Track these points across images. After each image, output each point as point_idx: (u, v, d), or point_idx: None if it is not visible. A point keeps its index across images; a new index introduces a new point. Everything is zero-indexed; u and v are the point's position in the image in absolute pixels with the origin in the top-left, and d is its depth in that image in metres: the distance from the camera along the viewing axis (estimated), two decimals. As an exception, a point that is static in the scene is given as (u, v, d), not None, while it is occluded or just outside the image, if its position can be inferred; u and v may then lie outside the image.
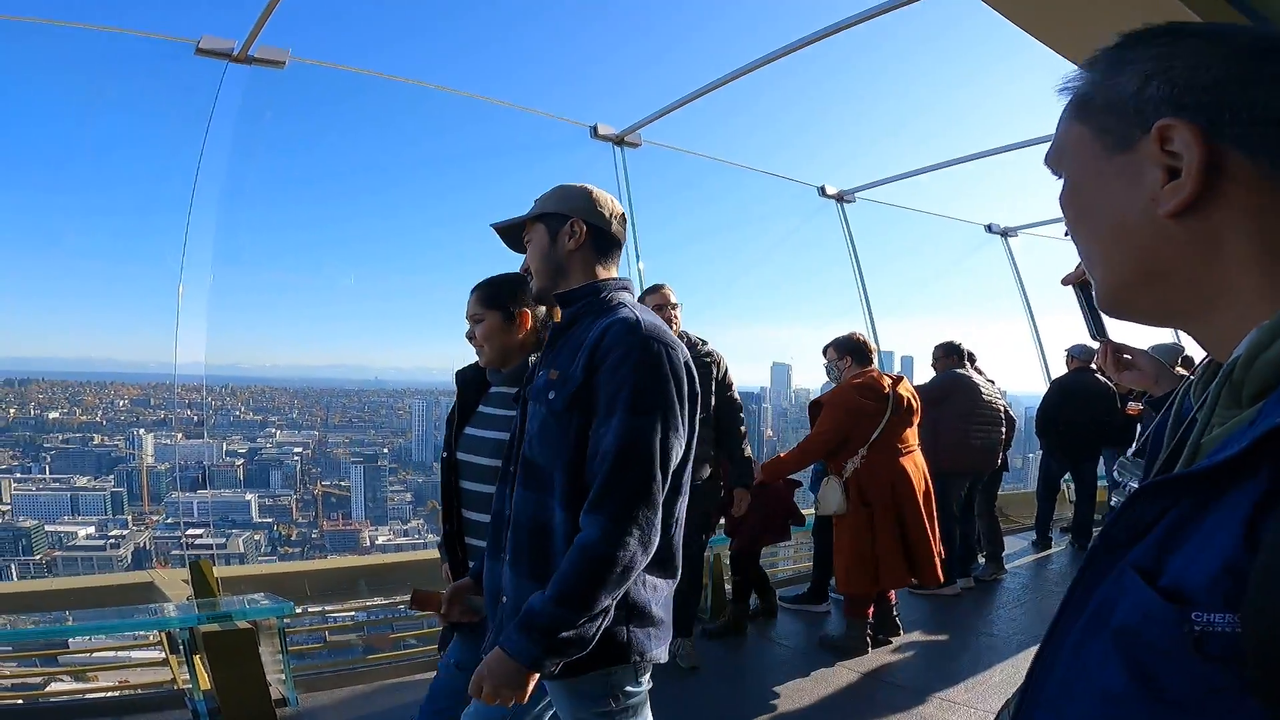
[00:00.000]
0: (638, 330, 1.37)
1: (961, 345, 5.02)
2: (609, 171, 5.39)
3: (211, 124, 3.97)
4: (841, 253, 7.07)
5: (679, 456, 1.38)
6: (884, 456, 3.67)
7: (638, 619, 1.38)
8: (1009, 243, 8.39)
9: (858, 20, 4.14)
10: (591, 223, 1.52)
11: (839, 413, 3.66)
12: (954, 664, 3.64)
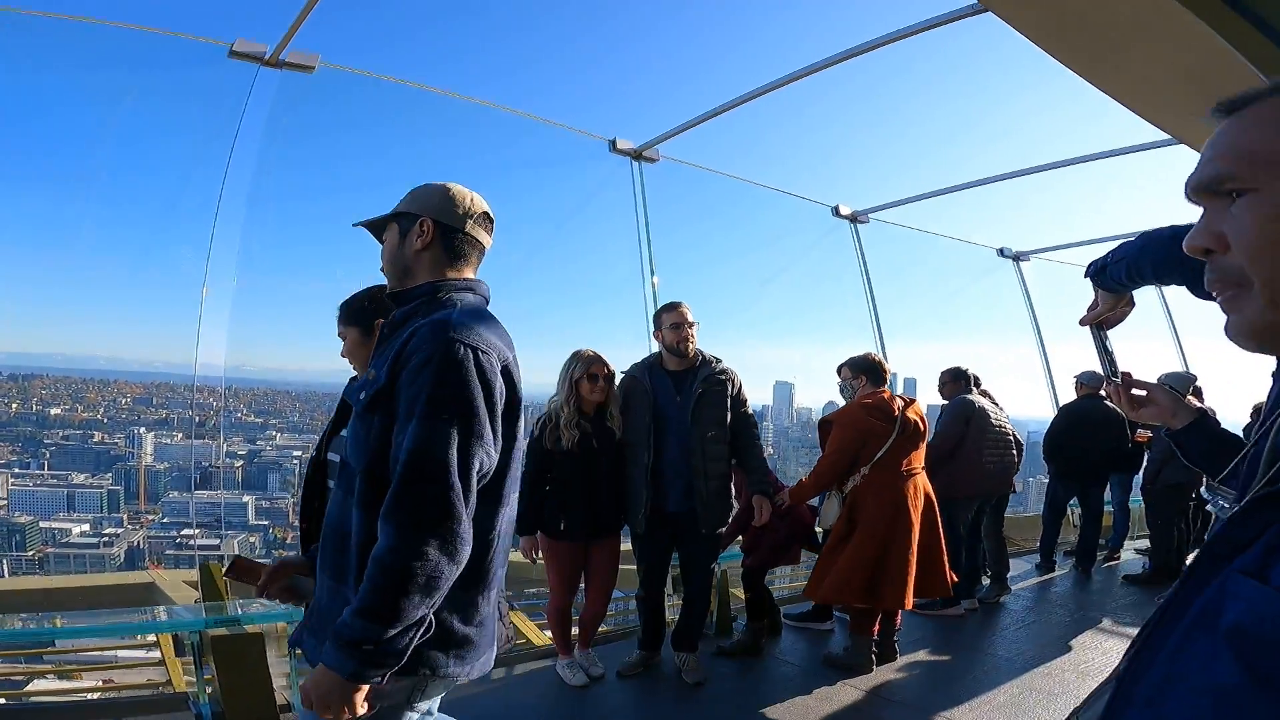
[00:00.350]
0: (446, 331, 1.30)
1: (967, 370, 5.04)
2: (626, 186, 5.42)
3: (241, 127, 3.98)
4: (853, 273, 7.08)
5: (486, 465, 1.31)
6: (886, 477, 3.67)
7: (436, 631, 1.31)
8: (1020, 267, 8.39)
9: (878, 44, 4.16)
10: (442, 222, 1.50)
11: (848, 432, 3.68)
12: (958, 684, 3.64)
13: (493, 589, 1.43)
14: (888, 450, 3.64)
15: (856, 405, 3.73)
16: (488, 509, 1.36)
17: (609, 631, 4.16)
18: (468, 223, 1.52)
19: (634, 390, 3.49)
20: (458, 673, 1.37)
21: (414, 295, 1.47)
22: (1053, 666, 3.87)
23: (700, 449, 3.40)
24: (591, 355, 3.40)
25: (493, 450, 1.31)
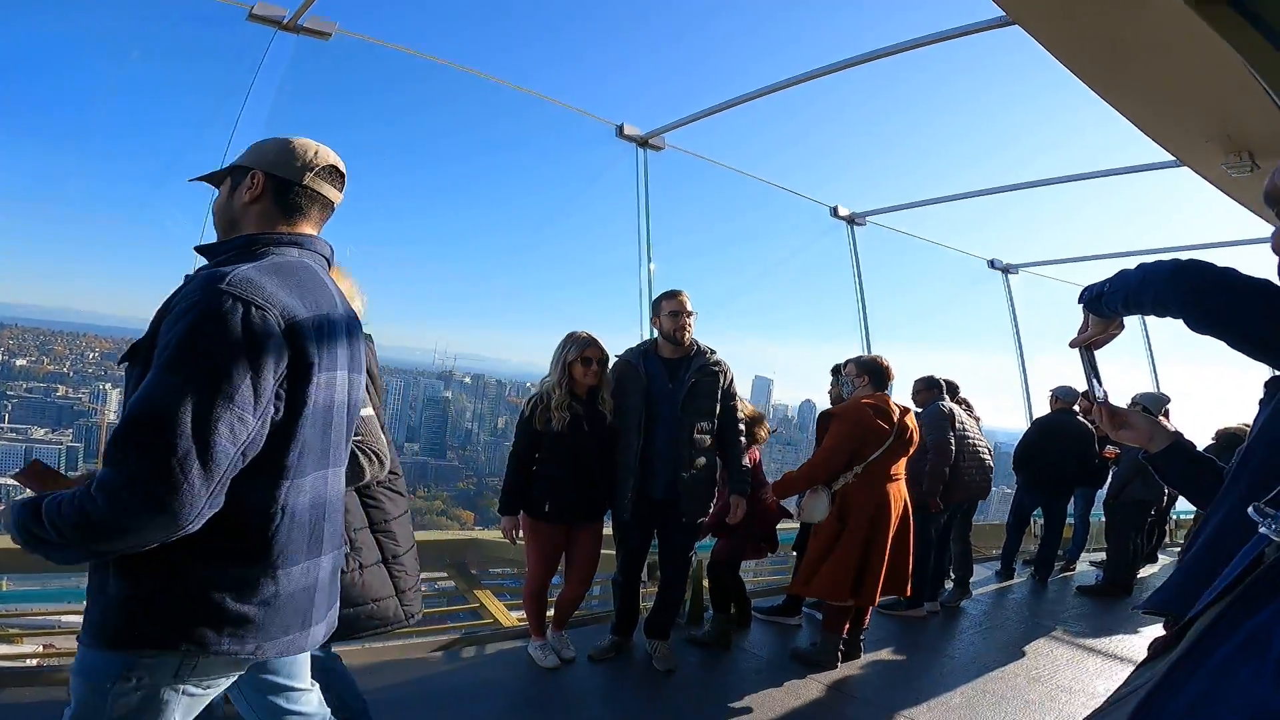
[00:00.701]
0: (217, 281, 1.19)
1: (941, 379, 5.13)
2: (630, 171, 5.37)
3: (252, 90, 3.87)
4: (846, 275, 7.10)
5: (242, 430, 1.16)
6: (874, 479, 3.73)
7: (202, 607, 1.22)
8: (1009, 279, 8.49)
9: (889, 52, 4.15)
10: (275, 174, 1.42)
11: (851, 427, 3.69)
12: (918, 683, 3.74)
13: (291, 565, 1.30)
14: (882, 453, 3.70)
15: (861, 403, 3.74)
16: (265, 480, 1.24)
17: (582, 615, 4.16)
18: (306, 175, 1.44)
19: (627, 375, 3.47)
20: (237, 650, 1.25)
21: (226, 247, 1.38)
22: (1006, 671, 3.98)
23: (689, 439, 3.40)
24: (586, 338, 3.37)
25: (250, 414, 1.17)
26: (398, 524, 2.04)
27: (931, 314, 9.84)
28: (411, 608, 2.01)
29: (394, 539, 2.01)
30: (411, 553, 2.08)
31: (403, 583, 1.99)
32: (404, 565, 2.01)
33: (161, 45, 16.47)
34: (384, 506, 2.01)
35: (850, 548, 3.66)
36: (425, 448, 26.23)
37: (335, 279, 1.97)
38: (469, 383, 27.06)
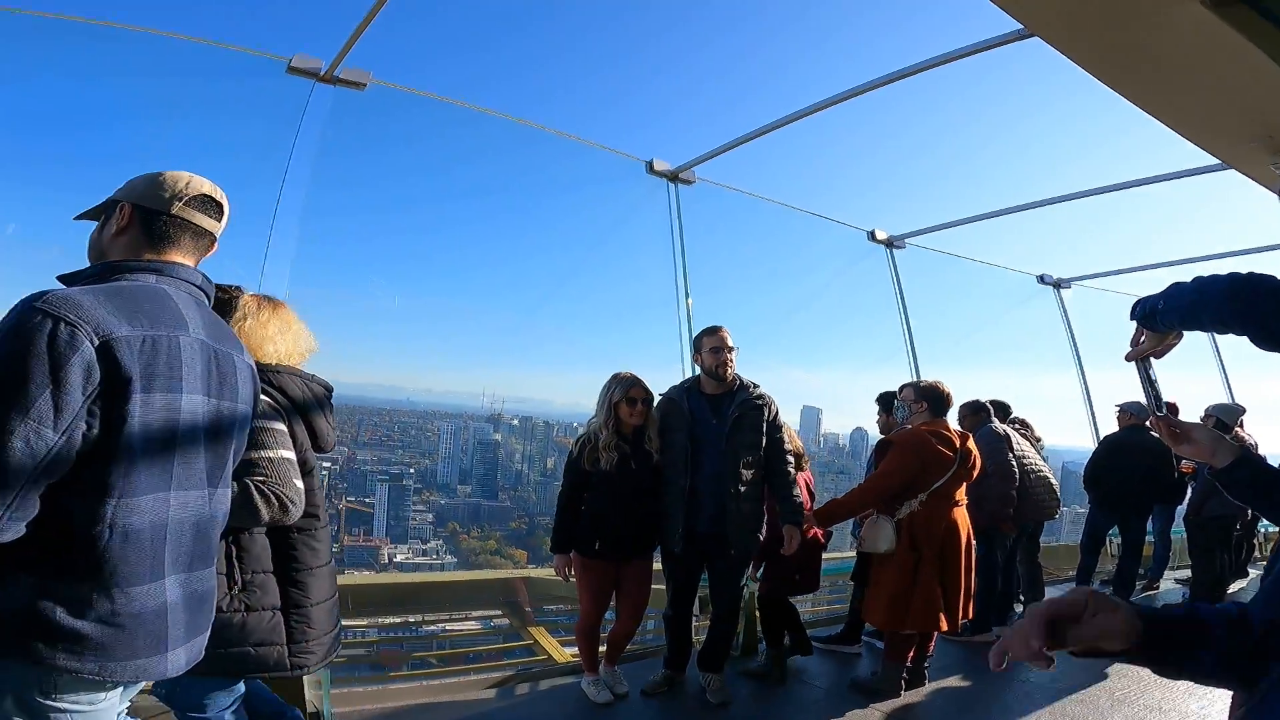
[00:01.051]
0: (33, 300, 1.20)
1: (987, 401, 5.01)
2: (662, 207, 5.47)
3: (297, 142, 4.11)
4: (888, 299, 7.01)
5: (38, 442, 1.15)
6: (941, 505, 3.68)
7: (33, 620, 1.21)
8: (1061, 294, 8.24)
9: (917, 70, 4.17)
10: (142, 205, 1.45)
11: (911, 456, 3.64)
12: (987, 709, 3.63)
13: (131, 586, 1.29)
14: (946, 480, 3.65)
15: (923, 431, 3.69)
16: (90, 496, 1.24)
17: (634, 650, 4.13)
18: (174, 205, 1.46)
19: (672, 413, 3.51)
20: (76, 667, 1.24)
21: (83, 275, 1.39)
22: (1087, 694, 3.80)
23: (734, 472, 3.40)
24: (630, 378, 3.43)
25: (50, 428, 1.16)
26: (312, 575, 2.00)
27: (981, 334, 9.60)
28: (304, 660, 1.94)
29: (303, 590, 1.97)
30: (324, 606, 2.02)
31: (299, 634, 1.94)
32: (307, 617, 1.96)
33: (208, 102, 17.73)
34: (300, 555, 1.97)
35: (930, 576, 3.60)
36: (477, 489, 26.56)
37: (280, 317, 2.01)
38: (517, 425, 27.44)
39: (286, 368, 2.00)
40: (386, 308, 50.96)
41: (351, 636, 5.76)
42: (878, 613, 3.71)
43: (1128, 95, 2.93)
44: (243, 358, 1.59)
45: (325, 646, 2.02)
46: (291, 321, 2.07)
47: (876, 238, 6.87)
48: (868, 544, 3.73)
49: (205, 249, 1.55)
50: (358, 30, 3.75)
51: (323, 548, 2.06)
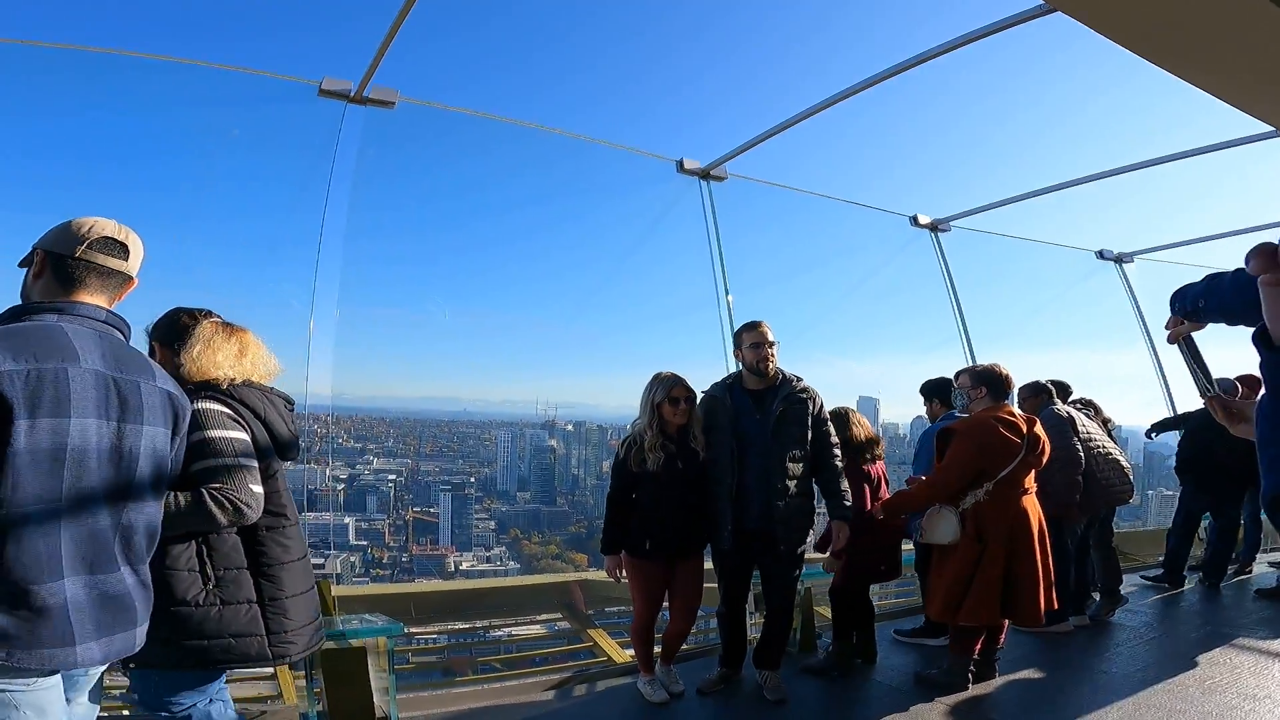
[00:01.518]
0: None
1: (1047, 382, 4.80)
2: (695, 205, 5.48)
3: (335, 164, 4.28)
4: (936, 284, 6.84)
5: None
6: (1009, 494, 3.55)
7: None
8: (1124, 269, 7.87)
9: (944, 50, 4.07)
10: (53, 251, 1.62)
11: (974, 445, 3.53)
12: (1063, 700, 3.50)
13: (31, 585, 1.44)
14: (1015, 467, 3.53)
15: (987, 418, 3.58)
16: None
17: (690, 649, 4.15)
18: (78, 248, 1.63)
19: (716, 410, 3.51)
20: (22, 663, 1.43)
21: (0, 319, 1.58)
22: (1174, 683, 3.64)
23: (780, 468, 3.38)
24: (671, 378, 3.44)
25: None
26: (284, 570, 2.13)
27: (1040, 315, 9.23)
28: (285, 649, 2.09)
29: (276, 583, 2.10)
30: (300, 598, 2.16)
31: (276, 624, 2.08)
32: (283, 608, 2.10)
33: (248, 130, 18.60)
34: (270, 552, 2.11)
35: (993, 568, 3.49)
36: (536, 496, 26.99)
37: (236, 341, 2.16)
38: (571, 430, 27.74)
39: (247, 383, 2.15)
40: (438, 322, 52.92)
41: (421, 643, 5.96)
42: (935, 604, 3.63)
43: (1163, 64, 2.79)
44: (153, 384, 1.72)
45: (306, 637, 2.16)
46: (250, 344, 2.21)
47: (919, 222, 6.71)
48: (929, 535, 3.63)
49: (117, 286, 1.72)
50: (381, 49, 3.88)
51: (293, 544, 2.19)
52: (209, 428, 1.98)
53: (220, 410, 2.02)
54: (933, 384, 4.58)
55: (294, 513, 2.27)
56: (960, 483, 3.54)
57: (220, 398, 2.05)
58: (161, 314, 2.22)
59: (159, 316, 2.21)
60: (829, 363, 11.84)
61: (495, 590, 6.67)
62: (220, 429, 1.99)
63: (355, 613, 3.83)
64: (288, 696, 3.91)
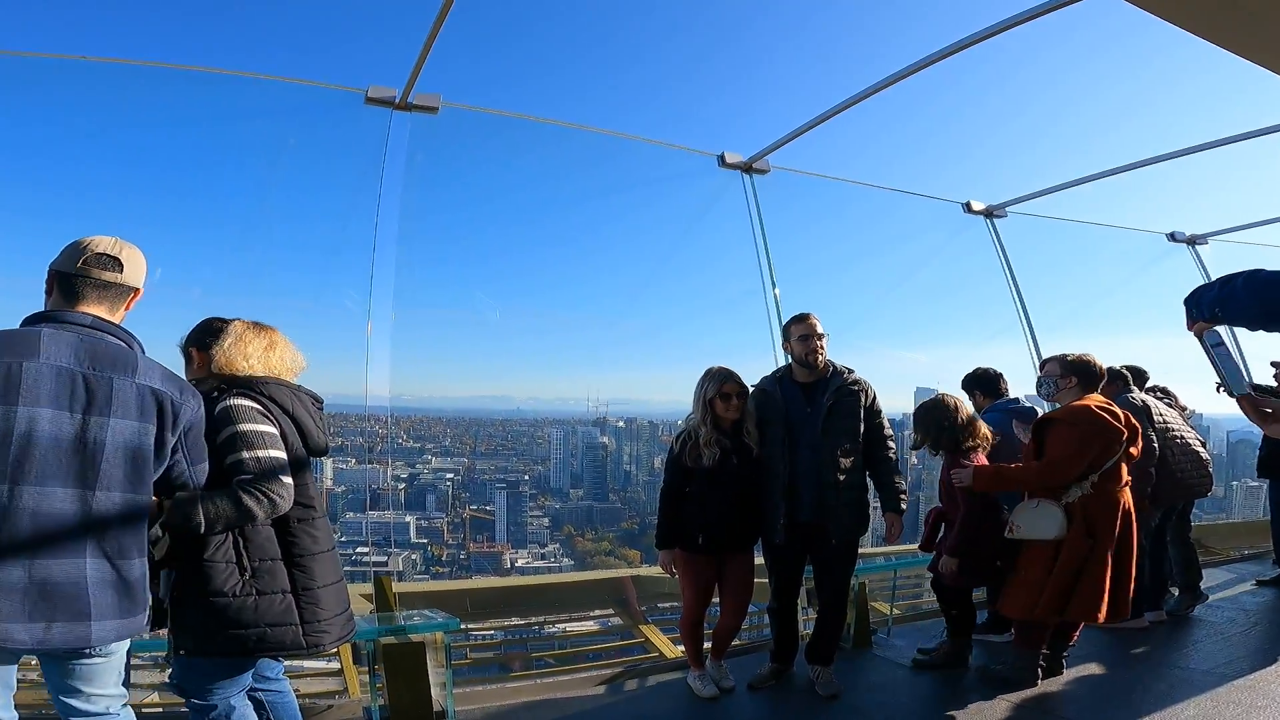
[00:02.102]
0: None
1: (1122, 368, 4.57)
2: (739, 199, 5.44)
3: (385, 170, 4.42)
4: (994, 270, 6.61)
5: None
6: (1114, 486, 3.40)
7: None
8: (1198, 251, 7.44)
9: (991, 33, 3.93)
10: (58, 270, 1.84)
11: (1086, 434, 3.33)
12: (1136, 697, 3.37)
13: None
14: (1118, 459, 3.38)
15: (1092, 407, 3.40)
16: None
17: (741, 645, 4.14)
18: (77, 265, 1.83)
19: (766, 404, 3.49)
20: None
21: None
22: (1257, 678, 3.48)
23: (832, 461, 3.34)
24: (723, 373, 3.42)
25: None
26: (315, 560, 2.19)
27: (1108, 300, 8.80)
28: (319, 638, 2.15)
29: (308, 573, 2.16)
30: (331, 588, 2.22)
31: (309, 614, 2.14)
32: (316, 598, 2.16)
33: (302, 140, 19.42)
34: (300, 543, 2.17)
35: (1102, 564, 3.35)
36: (589, 492, 27.25)
37: (264, 338, 2.28)
38: (623, 427, 27.88)
39: (275, 379, 2.25)
40: (489, 322, 53.67)
41: (478, 639, 6.12)
42: (1026, 601, 3.40)
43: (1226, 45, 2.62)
44: (130, 380, 1.81)
45: (338, 626, 2.23)
46: (278, 342, 2.33)
47: (973, 209, 6.50)
48: (1027, 531, 3.40)
49: (117, 296, 1.89)
50: (421, 56, 3.97)
51: (322, 535, 2.27)
52: (239, 422, 2.08)
53: (250, 405, 2.12)
54: (973, 377, 4.43)
55: (322, 505, 2.35)
56: (1075, 473, 3.35)
57: (249, 394, 2.15)
58: (195, 325, 2.36)
59: (194, 327, 2.35)
60: (883, 354, 11.54)
61: (549, 587, 6.78)
62: (250, 423, 2.09)
63: (415, 608, 3.97)
64: (352, 690, 4.07)
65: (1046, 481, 3.40)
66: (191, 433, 1.94)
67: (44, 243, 2.02)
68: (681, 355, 21.63)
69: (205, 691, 2.15)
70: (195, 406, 1.96)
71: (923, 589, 6.42)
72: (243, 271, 6.78)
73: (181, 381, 1.96)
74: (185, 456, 1.93)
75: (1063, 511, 3.34)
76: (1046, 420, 3.52)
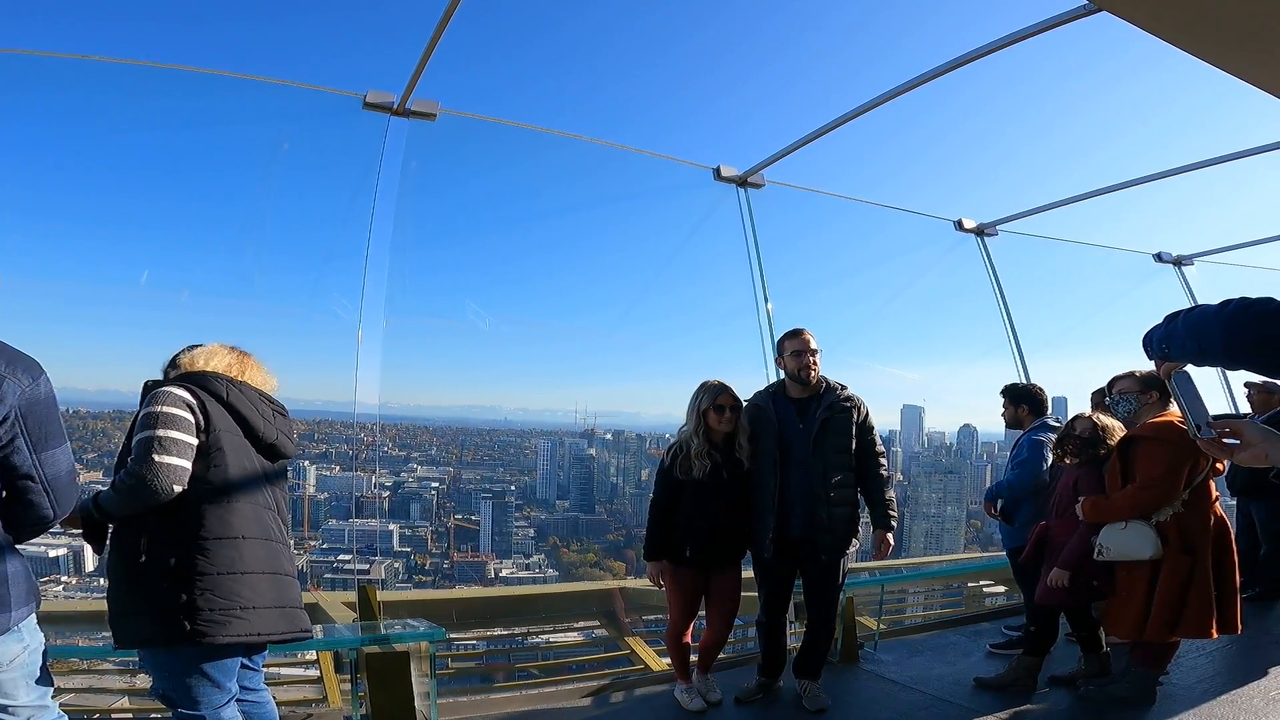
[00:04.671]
0: None
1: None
2: (734, 213, 5.47)
3: (380, 176, 4.40)
4: (984, 289, 6.68)
5: None
6: (1206, 502, 3.37)
7: None
8: (1184, 272, 7.56)
9: (984, 53, 4.00)
10: None
11: (1176, 450, 3.26)
12: (1114, 714, 3.39)
13: None
14: (1206, 473, 3.35)
15: (1175, 424, 3.31)
16: None
17: (728, 658, 4.11)
18: None
19: (758, 418, 3.49)
20: None
21: None
22: (1239, 694, 3.53)
23: (823, 476, 3.35)
24: (717, 386, 3.43)
25: None
26: (223, 545, 2.10)
27: (1095, 320, 8.91)
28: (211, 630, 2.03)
29: (209, 558, 2.08)
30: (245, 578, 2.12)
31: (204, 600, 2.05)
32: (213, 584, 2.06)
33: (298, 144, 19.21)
34: (208, 525, 2.10)
35: (1206, 579, 3.31)
36: (575, 504, 27.10)
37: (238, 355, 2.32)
38: (610, 439, 27.79)
39: (213, 373, 2.23)
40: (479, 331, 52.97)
41: (460, 649, 6.03)
42: (1131, 624, 3.35)
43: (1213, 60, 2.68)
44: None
45: (246, 622, 2.09)
46: (250, 364, 2.36)
47: (964, 227, 6.57)
48: (1118, 552, 3.33)
49: None
50: (421, 62, 3.97)
51: (237, 520, 2.15)
52: (151, 404, 2.05)
53: (171, 390, 2.10)
54: (1021, 391, 4.38)
55: (257, 495, 2.24)
56: (1176, 491, 3.29)
57: (182, 384, 2.14)
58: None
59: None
60: (872, 370, 11.58)
61: (534, 597, 6.72)
62: (160, 405, 2.05)
63: (399, 618, 3.90)
64: (332, 700, 3.99)
65: (1148, 503, 3.31)
66: (30, 416, 1.70)
67: (35, 243, 1.97)
68: (672, 369, 21.53)
69: (192, 700, 2.08)
70: (27, 383, 1.71)
71: (907, 604, 6.42)
72: (235, 275, 6.74)
73: (13, 355, 1.73)
74: (26, 443, 1.70)
75: (1154, 530, 3.29)
76: (1130, 439, 3.43)
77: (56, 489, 1.77)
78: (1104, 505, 3.39)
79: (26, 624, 1.78)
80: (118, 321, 3.70)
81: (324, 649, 4.14)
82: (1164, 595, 3.28)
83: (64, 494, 1.79)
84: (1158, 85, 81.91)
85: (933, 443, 26.69)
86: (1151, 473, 3.28)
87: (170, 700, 2.12)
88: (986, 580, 6.52)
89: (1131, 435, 3.44)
